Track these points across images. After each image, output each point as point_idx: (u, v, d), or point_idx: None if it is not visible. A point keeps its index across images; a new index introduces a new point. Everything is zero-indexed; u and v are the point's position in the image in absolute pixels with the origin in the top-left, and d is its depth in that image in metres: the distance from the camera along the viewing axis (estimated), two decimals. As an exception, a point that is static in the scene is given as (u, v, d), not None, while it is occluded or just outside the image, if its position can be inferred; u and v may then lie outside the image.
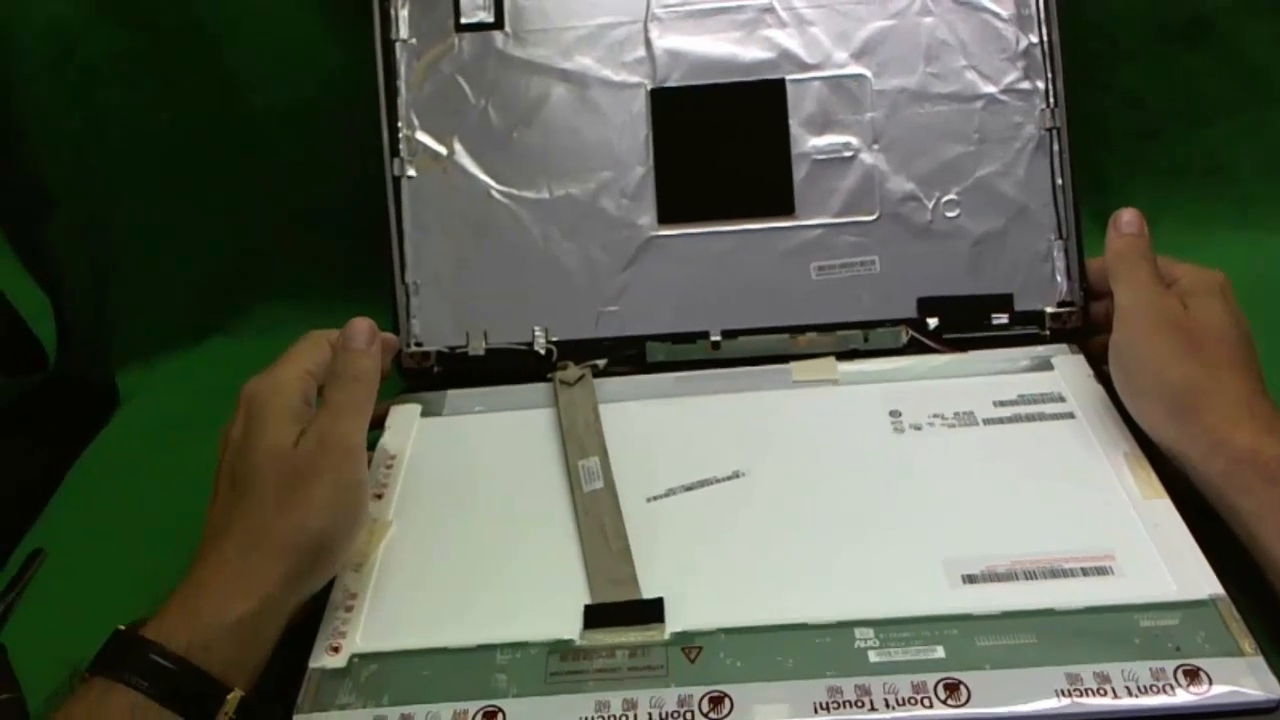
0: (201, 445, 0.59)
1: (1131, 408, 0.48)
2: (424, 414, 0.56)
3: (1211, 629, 0.39)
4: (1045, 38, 0.57)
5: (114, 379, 0.67)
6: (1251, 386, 0.45)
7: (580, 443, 0.52)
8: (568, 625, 0.42)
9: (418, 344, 0.58)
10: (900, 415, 0.52)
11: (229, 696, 0.38)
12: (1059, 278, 0.57)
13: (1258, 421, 0.43)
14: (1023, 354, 0.55)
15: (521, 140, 0.59)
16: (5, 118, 0.62)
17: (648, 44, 0.58)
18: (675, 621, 0.42)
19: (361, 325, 0.48)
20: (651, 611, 0.42)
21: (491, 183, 0.59)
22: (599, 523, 0.47)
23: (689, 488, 0.49)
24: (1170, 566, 0.42)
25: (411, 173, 0.59)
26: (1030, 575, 0.42)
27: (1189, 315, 0.47)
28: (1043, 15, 0.57)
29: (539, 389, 0.56)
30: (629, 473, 0.49)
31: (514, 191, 0.59)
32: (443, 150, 0.59)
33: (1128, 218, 0.50)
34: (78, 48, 0.61)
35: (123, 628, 0.39)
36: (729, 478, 0.49)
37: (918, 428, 0.51)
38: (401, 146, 0.59)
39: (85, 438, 0.62)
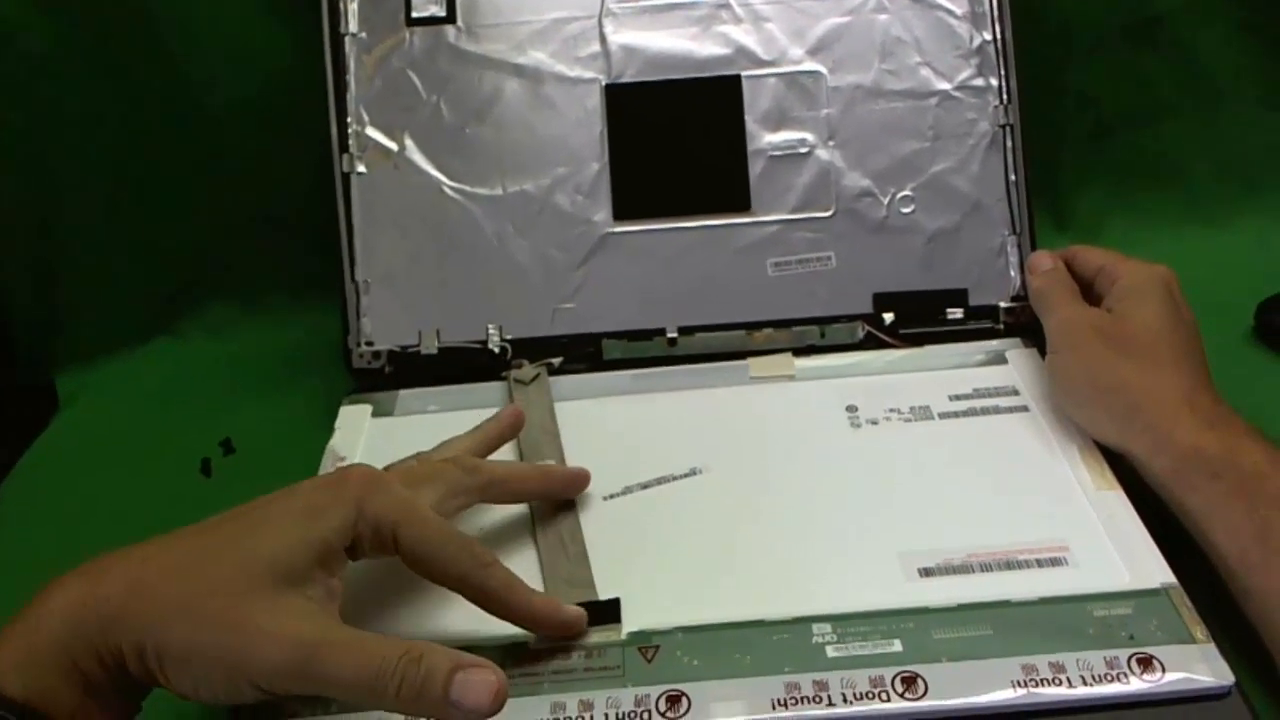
0: (144, 448, 0.59)
1: (1077, 419, 0.48)
2: (375, 414, 0.55)
3: (1164, 617, 0.39)
4: (998, 35, 0.57)
5: (53, 382, 0.65)
6: (1191, 382, 0.45)
7: (536, 443, 0.51)
8: (522, 626, 0.41)
9: (368, 343, 0.57)
10: (857, 410, 0.52)
11: None
12: (1013, 273, 0.57)
13: (1198, 417, 0.43)
14: (977, 348, 0.56)
15: (474, 136, 0.58)
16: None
17: (602, 39, 0.58)
18: (632, 621, 0.41)
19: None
20: (608, 612, 0.42)
21: (444, 179, 0.58)
22: (555, 524, 0.46)
23: (646, 485, 0.48)
24: (1123, 556, 0.42)
25: (361, 169, 0.58)
26: (986, 567, 0.42)
27: (1118, 320, 0.48)
28: (995, 13, 0.57)
29: (493, 388, 0.56)
30: (585, 471, 0.49)
31: (467, 188, 0.58)
32: (393, 146, 0.58)
33: (1040, 259, 0.54)
34: (15, 38, 0.59)
35: None
36: (686, 475, 0.49)
37: (874, 422, 0.51)
38: (351, 142, 0.57)
39: (23, 443, 0.60)
